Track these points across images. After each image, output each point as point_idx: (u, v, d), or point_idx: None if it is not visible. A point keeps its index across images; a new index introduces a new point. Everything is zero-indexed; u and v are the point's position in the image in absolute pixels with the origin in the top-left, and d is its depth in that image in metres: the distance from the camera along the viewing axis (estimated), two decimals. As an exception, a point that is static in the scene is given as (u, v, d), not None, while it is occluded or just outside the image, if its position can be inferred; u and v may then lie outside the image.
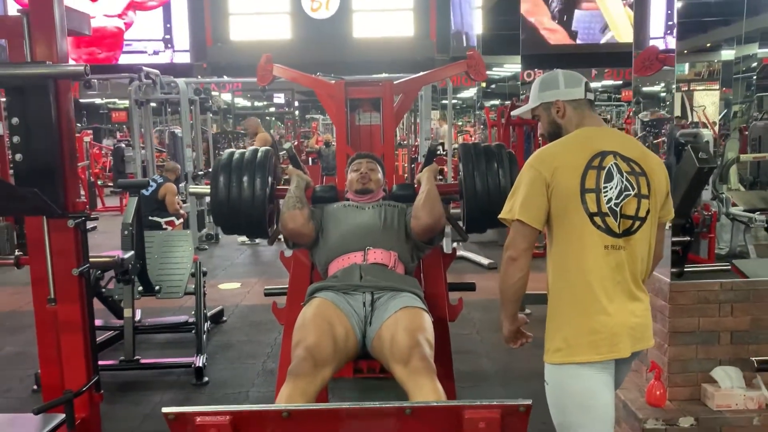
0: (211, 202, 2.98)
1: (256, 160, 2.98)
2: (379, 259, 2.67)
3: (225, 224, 3.01)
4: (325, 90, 3.52)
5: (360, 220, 2.81)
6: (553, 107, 2.09)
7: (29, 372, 4.03)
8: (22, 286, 5.71)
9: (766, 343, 3.06)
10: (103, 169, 13.74)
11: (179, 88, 8.08)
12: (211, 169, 3.03)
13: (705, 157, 3.23)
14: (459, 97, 25.33)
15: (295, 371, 2.16)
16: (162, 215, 6.89)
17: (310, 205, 2.91)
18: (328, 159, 10.97)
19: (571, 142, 2.03)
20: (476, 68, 3.54)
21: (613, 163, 1.96)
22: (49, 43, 2.36)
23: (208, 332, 4.70)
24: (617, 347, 1.93)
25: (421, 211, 2.72)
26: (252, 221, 2.94)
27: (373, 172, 3.05)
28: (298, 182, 2.88)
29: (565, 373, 1.98)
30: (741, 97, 5.26)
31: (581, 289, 1.94)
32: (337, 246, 2.74)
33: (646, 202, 1.98)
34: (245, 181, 2.90)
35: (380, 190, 3.07)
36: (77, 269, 2.44)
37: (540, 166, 1.96)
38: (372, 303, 2.50)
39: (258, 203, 2.90)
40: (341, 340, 2.35)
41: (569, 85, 2.08)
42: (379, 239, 2.73)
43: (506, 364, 4.15)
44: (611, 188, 1.94)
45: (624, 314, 1.94)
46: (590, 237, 1.93)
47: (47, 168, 2.36)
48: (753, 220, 4.37)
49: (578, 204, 1.93)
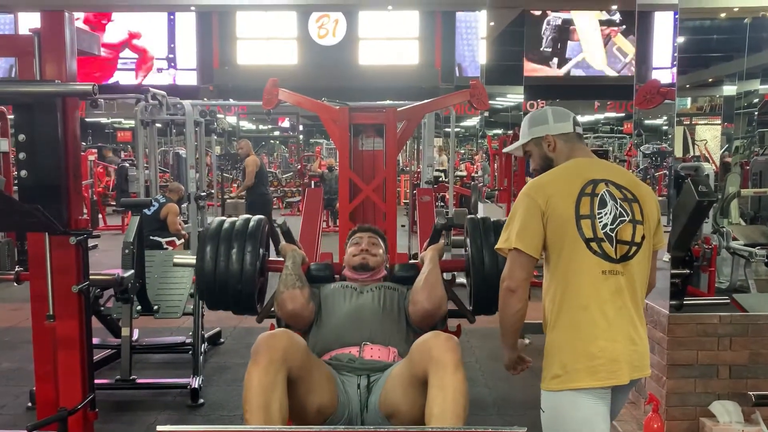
0: (197, 275, 2.74)
1: (247, 230, 2.73)
2: (377, 356, 2.38)
3: (210, 299, 2.75)
4: (329, 115, 3.56)
5: (358, 306, 2.54)
6: (544, 141, 2.13)
7: (24, 389, 4.00)
8: (21, 302, 5.70)
9: (765, 378, 3.05)
10: (107, 188, 13.80)
11: (185, 110, 8.15)
12: (198, 238, 2.76)
13: (705, 190, 3.24)
14: (462, 126, 25.49)
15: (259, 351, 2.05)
16: (163, 235, 6.90)
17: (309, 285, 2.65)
18: (330, 183, 11.01)
19: (563, 171, 2.06)
20: (479, 97, 3.59)
21: (605, 191, 1.99)
22: (58, 62, 2.39)
23: (205, 353, 4.68)
24: (616, 374, 1.92)
25: (419, 295, 2.48)
26: (241, 297, 2.69)
27: (374, 247, 2.79)
28: (294, 258, 2.64)
29: (562, 400, 1.96)
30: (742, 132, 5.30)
31: (579, 314, 1.94)
32: (332, 338, 2.46)
33: (641, 227, 2.00)
34: (234, 253, 2.66)
35: (381, 269, 2.79)
36: (77, 286, 2.45)
37: (535, 194, 1.99)
38: (368, 385, 2.29)
39: (247, 278, 2.65)
40: (322, 370, 2.22)
41: (558, 119, 2.13)
42: (378, 331, 2.45)
43: (505, 393, 4.12)
44: (606, 214, 1.96)
45: (624, 341, 1.94)
46: (587, 262, 1.94)
47: (51, 185, 2.37)
48: (753, 255, 4.38)
49: (574, 230, 1.94)
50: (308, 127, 24.38)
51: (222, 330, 5.32)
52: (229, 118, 18.56)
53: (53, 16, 2.38)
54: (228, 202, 11.86)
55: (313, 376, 2.18)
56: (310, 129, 24.96)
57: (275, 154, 24.41)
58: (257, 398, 1.98)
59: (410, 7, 17.38)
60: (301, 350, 2.15)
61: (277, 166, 20.20)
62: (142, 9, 16.88)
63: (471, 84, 3.65)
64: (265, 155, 19.63)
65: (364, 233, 2.87)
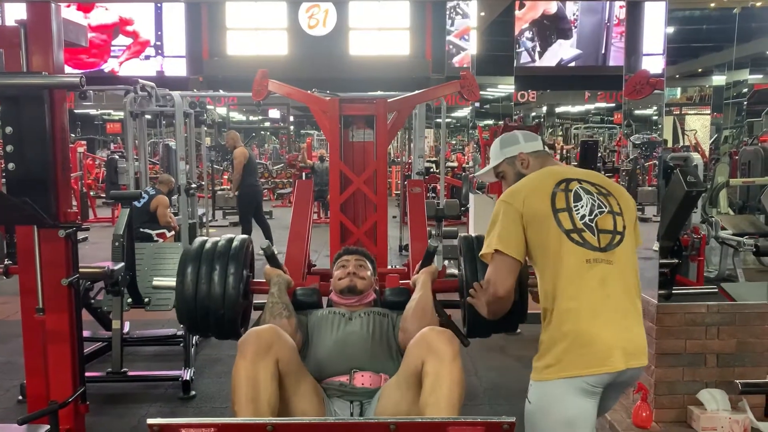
0: (177, 298, 2.61)
1: (230, 251, 2.62)
2: (368, 384, 2.31)
3: (191, 324, 2.63)
4: (320, 106, 3.54)
5: (346, 334, 2.44)
6: (518, 160, 2.23)
7: (15, 382, 4.00)
8: (11, 295, 5.68)
9: (752, 366, 3.08)
10: (96, 180, 13.72)
11: (174, 101, 8.10)
12: (179, 260, 2.64)
13: (693, 180, 3.27)
14: (453, 116, 25.49)
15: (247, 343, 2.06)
16: (153, 227, 6.88)
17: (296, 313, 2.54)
18: (321, 175, 10.98)
19: (535, 175, 2.14)
20: (469, 88, 3.58)
21: (579, 186, 2.06)
22: (45, 53, 2.38)
23: (197, 346, 4.68)
24: (609, 361, 1.91)
25: (409, 323, 2.40)
26: (223, 321, 2.57)
27: (361, 270, 2.69)
28: (279, 285, 2.54)
29: (552, 390, 1.95)
30: (731, 122, 5.32)
31: (569, 305, 1.95)
32: (319, 367, 2.36)
33: (621, 218, 2.04)
34: (216, 275, 2.54)
35: (370, 292, 2.70)
36: (66, 279, 2.44)
37: (511, 199, 2.05)
38: (360, 413, 2.22)
39: (230, 302, 2.54)
40: (309, 381, 2.19)
41: (528, 140, 2.26)
42: (367, 360, 2.36)
43: (495, 383, 4.14)
44: (582, 206, 2.02)
45: (614, 328, 1.93)
46: (571, 253, 1.96)
47: (39, 178, 2.36)
48: (742, 244, 4.41)
49: (552, 223, 1.99)
50: (299, 118, 24.31)
51: (213, 322, 5.32)
52: (219, 109, 18.48)
53: (39, 7, 2.37)
54: (219, 194, 11.83)
55: (300, 379, 2.14)
56: (301, 120, 24.89)
57: (266, 145, 24.34)
58: (245, 391, 1.97)
59: (401, -3, 17.33)
60: (289, 347, 2.13)
61: (268, 157, 20.15)
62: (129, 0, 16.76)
63: (461, 75, 3.64)
64: (255, 146, 19.58)
65: (351, 256, 2.79)
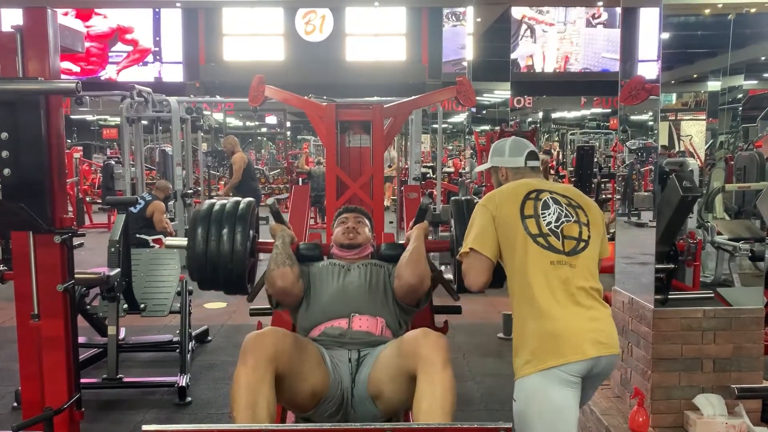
0: (188, 255, 2.76)
1: (237, 212, 2.79)
2: (365, 326, 2.47)
3: (201, 279, 2.77)
4: (316, 112, 3.55)
5: (345, 283, 2.62)
6: (499, 171, 2.50)
7: (10, 388, 3.98)
8: (6, 301, 5.66)
9: (748, 371, 3.08)
10: (93, 186, 13.68)
11: (171, 107, 8.10)
12: (189, 219, 2.84)
13: (689, 185, 3.27)
14: (449, 122, 25.54)
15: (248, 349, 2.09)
16: (149, 233, 6.87)
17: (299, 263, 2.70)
18: (318, 180, 10.97)
19: (512, 184, 2.36)
20: (465, 94, 3.58)
21: (549, 197, 2.26)
22: (41, 59, 2.37)
23: (193, 352, 4.67)
24: (581, 348, 2.05)
25: (404, 269, 2.54)
26: (231, 277, 2.73)
27: (360, 226, 2.88)
28: (284, 238, 2.69)
29: (533, 384, 2.08)
30: (727, 128, 5.34)
31: (536, 301, 2.10)
32: (320, 312, 2.54)
33: (587, 228, 2.22)
34: (225, 234, 2.71)
35: (368, 246, 2.88)
36: (62, 285, 2.43)
37: (487, 203, 2.28)
38: (358, 359, 2.36)
39: (238, 258, 2.70)
40: (312, 356, 2.27)
41: (513, 154, 2.46)
42: (365, 305, 2.54)
43: (492, 389, 4.14)
44: (549, 214, 2.21)
45: (580, 319, 2.09)
46: (536, 255, 2.14)
47: (35, 183, 2.35)
48: (737, 249, 4.42)
49: (520, 227, 2.18)
50: (295, 124, 24.32)
51: (209, 328, 5.30)
52: (216, 115, 18.46)
53: (36, 12, 2.36)
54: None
55: (304, 365, 2.22)
56: (298, 126, 24.90)
57: (263, 150, 24.29)
58: (244, 397, 2.00)
59: (397, 4, 17.36)
60: (289, 346, 2.18)
61: (265, 162, 20.12)
62: (126, 5, 16.77)
63: (457, 80, 3.64)
64: (252, 152, 19.54)
65: (350, 213, 2.97)
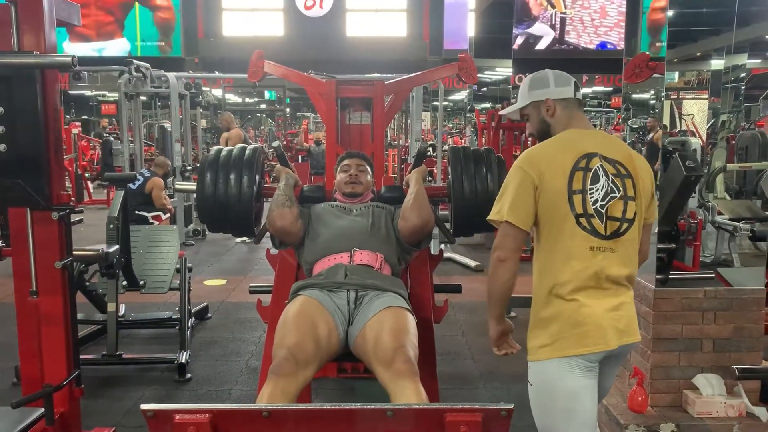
0: (197, 198, 2.95)
1: (244, 158, 2.95)
2: (365, 260, 2.65)
3: (211, 221, 2.98)
4: (316, 88, 3.50)
5: (347, 222, 2.78)
6: (543, 106, 2.11)
7: (10, 364, 3.98)
8: (4, 278, 5.66)
9: (748, 352, 3.08)
10: (91, 162, 13.63)
11: (170, 83, 8.04)
12: (199, 165, 2.98)
13: (692, 165, 3.25)
14: (450, 99, 25.38)
15: (276, 371, 2.14)
16: (148, 209, 6.84)
17: (299, 205, 2.89)
18: (317, 158, 10.91)
19: (557, 144, 2.05)
20: (467, 71, 3.54)
21: (599, 165, 1.98)
22: (36, 33, 2.32)
23: (192, 328, 4.67)
24: (604, 339, 1.94)
25: (409, 212, 2.72)
26: (238, 219, 2.92)
27: (362, 174, 3.02)
28: (286, 180, 2.86)
29: (550, 369, 1.98)
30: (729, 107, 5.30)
31: (564, 286, 1.96)
32: (323, 247, 2.72)
33: (633, 203, 2.00)
34: (232, 178, 2.88)
35: (369, 192, 3.04)
36: (60, 262, 2.42)
37: (528, 167, 1.98)
38: (356, 301, 2.49)
39: (245, 201, 2.88)
40: (324, 339, 2.34)
41: (559, 84, 2.10)
42: (366, 241, 2.71)
43: (491, 367, 4.15)
44: (597, 190, 1.96)
45: (606, 307, 1.96)
46: (576, 238, 1.96)
47: (32, 159, 2.32)
48: (738, 229, 4.40)
49: (566, 205, 1.95)
50: (295, 101, 24.16)
51: (209, 305, 5.31)
52: (215, 91, 18.34)
53: (30, -16, 2.31)
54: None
55: (320, 336, 2.33)
56: (297, 102, 24.75)
57: (262, 127, 24.15)
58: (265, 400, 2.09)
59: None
60: (305, 338, 2.28)
61: (264, 139, 20.02)
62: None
63: (459, 57, 3.59)
64: (251, 129, 19.43)
65: (352, 159, 3.06)
